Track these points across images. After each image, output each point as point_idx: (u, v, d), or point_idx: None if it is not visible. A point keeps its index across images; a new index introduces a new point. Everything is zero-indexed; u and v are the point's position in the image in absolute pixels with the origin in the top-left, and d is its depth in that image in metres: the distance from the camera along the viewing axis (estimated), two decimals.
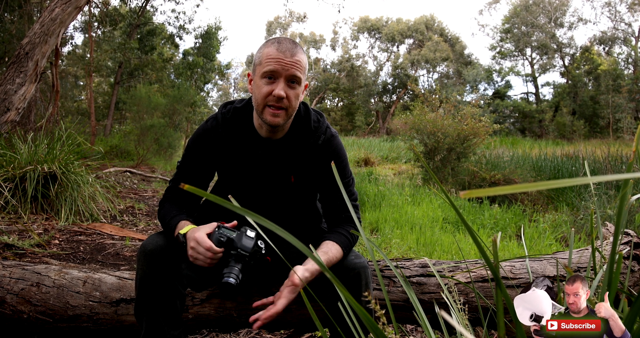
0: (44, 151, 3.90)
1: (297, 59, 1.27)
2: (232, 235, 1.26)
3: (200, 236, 1.22)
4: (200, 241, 1.21)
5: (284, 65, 1.25)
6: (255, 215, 0.51)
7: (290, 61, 1.25)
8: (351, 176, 1.48)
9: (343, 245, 1.35)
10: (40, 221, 3.43)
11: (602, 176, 0.39)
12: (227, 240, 1.25)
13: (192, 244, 1.22)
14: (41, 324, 1.54)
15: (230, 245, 1.25)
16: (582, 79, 29.12)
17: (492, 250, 0.56)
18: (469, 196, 0.42)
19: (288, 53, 1.26)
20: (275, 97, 1.26)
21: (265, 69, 1.26)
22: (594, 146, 11.33)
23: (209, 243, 1.21)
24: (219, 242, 1.23)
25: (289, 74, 1.26)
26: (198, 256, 1.22)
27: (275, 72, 1.26)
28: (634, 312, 0.57)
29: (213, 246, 1.20)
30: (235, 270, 1.22)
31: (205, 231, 1.25)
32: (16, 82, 4.33)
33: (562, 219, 4.52)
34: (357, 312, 0.57)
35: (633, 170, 1.12)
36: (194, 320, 1.54)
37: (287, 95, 1.27)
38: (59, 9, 4.61)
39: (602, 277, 0.90)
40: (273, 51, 1.26)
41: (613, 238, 0.67)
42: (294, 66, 1.26)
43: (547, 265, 1.63)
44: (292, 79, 1.27)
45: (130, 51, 14.53)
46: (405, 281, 0.97)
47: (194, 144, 1.43)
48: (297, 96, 1.31)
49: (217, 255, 1.22)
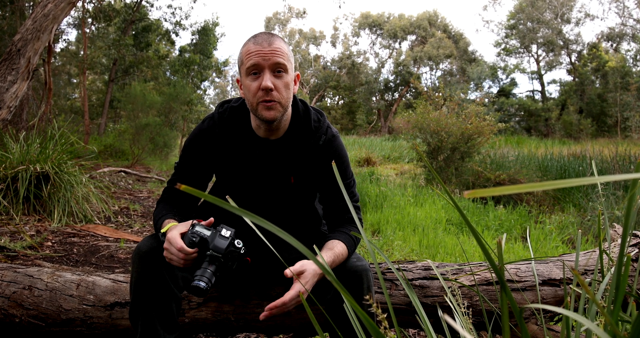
0: (37, 150, 3.90)
1: (275, 47, 1.26)
2: (206, 235, 1.22)
3: (173, 235, 1.20)
4: (172, 241, 1.19)
5: (263, 56, 1.25)
6: (253, 216, 0.51)
7: (269, 49, 1.25)
8: (352, 177, 1.48)
9: (348, 245, 1.36)
10: (32, 223, 3.43)
11: (610, 176, 0.39)
12: (200, 239, 1.20)
13: (166, 244, 1.20)
14: (33, 328, 1.54)
15: (204, 245, 1.20)
16: (590, 76, 29.12)
17: (497, 252, 0.56)
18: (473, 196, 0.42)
19: (265, 43, 1.26)
20: (264, 91, 1.25)
21: (247, 65, 1.27)
22: (602, 145, 11.34)
23: (180, 244, 1.18)
24: (190, 242, 1.19)
25: (271, 63, 1.26)
26: (172, 257, 1.20)
27: (257, 65, 1.26)
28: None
29: (184, 247, 1.18)
30: (208, 272, 1.18)
31: (180, 230, 1.22)
32: (8, 80, 4.33)
33: (568, 220, 4.52)
34: (359, 315, 0.57)
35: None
36: (191, 324, 1.54)
37: (275, 85, 1.26)
38: (51, 5, 4.61)
39: (610, 280, 0.90)
40: (251, 46, 1.27)
41: (621, 239, 0.67)
42: (274, 54, 1.26)
43: (554, 268, 1.63)
44: (276, 68, 1.27)
45: (125, 47, 14.52)
46: (408, 284, 0.97)
47: (190, 144, 1.44)
48: (287, 85, 1.29)
49: (190, 256, 1.19)
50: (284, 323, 1.54)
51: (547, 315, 1.59)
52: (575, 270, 0.53)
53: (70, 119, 9.36)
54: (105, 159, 10.16)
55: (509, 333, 0.56)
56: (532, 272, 1.59)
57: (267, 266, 1.45)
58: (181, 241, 1.19)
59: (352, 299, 0.56)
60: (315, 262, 0.58)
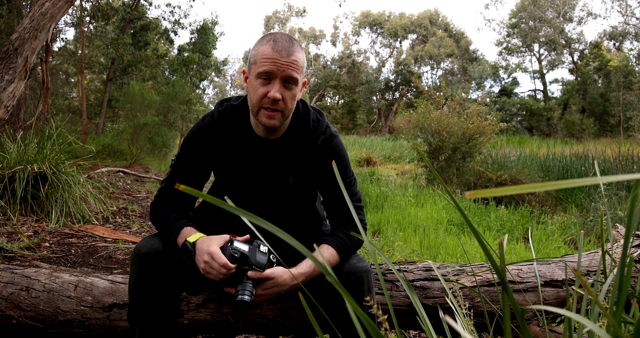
0: (34, 150, 3.90)
1: (293, 59, 1.25)
2: (245, 250, 1.27)
3: (214, 251, 1.22)
4: (215, 256, 1.21)
5: (279, 66, 1.24)
6: (252, 215, 0.51)
7: (286, 61, 1.24)
8: (353, 176, 1.48)
9: (339, 249, 1.35)
10: (30, 223, 3.43)
11: (613, 176, 0.39)
12: (241, 255, 1.26)
13: (206, 258, 1.21)
14: (31, 330, 1.54)
15: (244, 260, 1.26)
16: (592, 75, 29.13)
17: (499, 253, 0.56)
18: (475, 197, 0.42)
19: (284, 53, 1.24)
20: (271, 100, 1.25)
21: (260, 70, 1.25)
22: (604, 145, 11.34)
23: (224, 260, 1.21)
24: (232, 258, 1.24)
25: (284, 75, 1.25)
26: (211, 271, 1.22)
27: (270, 73, 1.25)
28: None
29: (228, 263, 1.21)
30: (249, 286, 1.23)
31: (218, 244, 1.24)
32: (5, 79, 4.33)
33: (571, 221, 4.52)
34: (359, 317, 0.57)
35: None
36: (189, 326, 1.54)
37: (282, 96, 1.26)
38: (49, 3, 4.61)
39: (613, 281, 0.90)
40: (268, 51, 1.25)
41: (624, 240, 0.67)
42: (290, 67, 1.25)
43: (556, 269, 1.63)
44: (288, 80, 1.27)
45: (123, 46, 14.51)
46: (409, 285, 0.97)
47: (189, 142, 1.43)
48: (294, 97, 1.30)
49: (230, 271, 1.22)
50: (283, 325, 1.54)
51: (549, 316, 1.59)
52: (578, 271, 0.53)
53: (68, 119, 9.34)
54: (104, 159, 10.15)
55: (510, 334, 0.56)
56: (534, 273, 1.59)
57: None
58: (224, 258, 1.21)
59: (353, 300, 0.56)
60: (315, 262, 0.58)
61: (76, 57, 15.24)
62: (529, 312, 1.55)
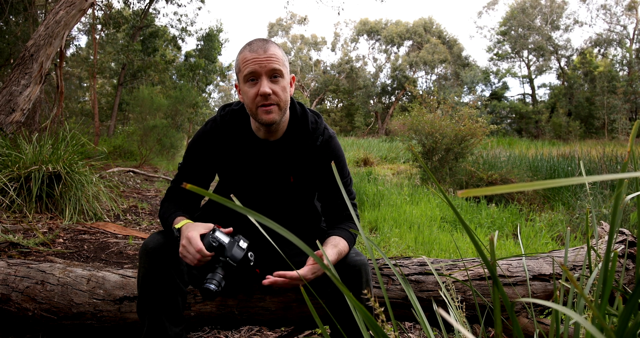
0: (49, 151, 3.90)
1: (271, 53, 1.27)
2: (225, 242, 1.24)
3: (193, 236, 1.20)
4: (192, 241, 1.20)
5: (260, 63, 1.25)
6: (257, 214, 0.51)
7: (265, 57, 1.26)
8: (349, 175, 1.49)
9: (349, 241, 1.37)
10: (44, 220, 3.43)
11: (598, 176, 0.39)
12: (219, 245, 1.22)
13: (184, 242, 1.21)
14: (45, 321, 1.55)
15: (221, 251, 1.23)
16: (578, 80, 29.13)
17: (489, 248, 0.56)
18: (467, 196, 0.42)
19: (261, 50, 1.26)
20: (262, 96, 1.26)
21: (245, 73, 1.27)
22: (590, 146, 11.33)
23: (200, 246, 1.19)
24: (209, 246, 1.21)
25: (268, 70, 1.26)
26: (187, 255, 1.21)
27: (254, 72, 1.26)
28: (629, 309, 0.57)
29: (203, 249, 1.19)
30: (218, 276, 1.20)
31: (200, 231, 1.23)
32: (21, 84, 4.33)
33: (558, 218, 4.52)
34: (357, 309, 0.57)
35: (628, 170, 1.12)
36: (196, 318, 1.54)
37: (273, 90, 1.27)
38: (63, 12, 4.61)
39: (597, 275, 0.90)
40: (247, 54, 1.27)
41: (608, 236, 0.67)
42: (270, 60, 1.26)
43: (544, 263, 1.63)
44: (273, 74, 1.28)
45: (133, 52, 14.50)
46: (404, 279, 0.97)
47: (194, 146, 1.44)
48: (284, 89, 1.30)
49: (205, 258, 1.20)
50: (285, 317, 1.54)
51: (537, 308, 1.59)
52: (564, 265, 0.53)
53: (80, 122, 9.35)
54: (115, 159, 10.15)
55: (500, 326, 0.56)
56: (523, 268, 1.59)
57: (269, 261, 1.45)
58: (201, 243, 1.19)
59: (351, 293, 0.56)
60: (317, 260, 0.58)
61: (88, 62, 15.26)
62: (518, 304, 1.55)
